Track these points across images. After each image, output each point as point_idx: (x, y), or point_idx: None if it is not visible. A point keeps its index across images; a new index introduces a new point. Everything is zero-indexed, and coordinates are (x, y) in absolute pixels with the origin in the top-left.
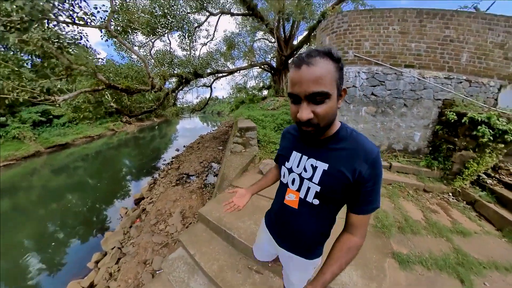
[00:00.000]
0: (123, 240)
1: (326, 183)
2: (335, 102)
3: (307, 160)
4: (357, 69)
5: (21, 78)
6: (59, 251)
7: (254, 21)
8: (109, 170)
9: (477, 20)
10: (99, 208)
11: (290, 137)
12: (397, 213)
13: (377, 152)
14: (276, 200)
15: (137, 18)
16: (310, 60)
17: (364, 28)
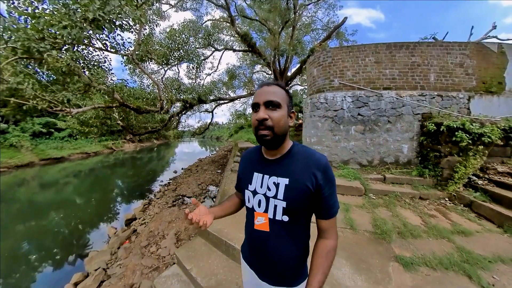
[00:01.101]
0: (110, 261)
1: (291, 197)
2: (285, 115)
3: (269, 178)
4: (343, 94)
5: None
6: (33, 271)
7: (253, 56)
8: (101, 189)
9: (436, 47)
10: (85, 227)
11: (250, 159)
12: (396, 220)
13: (326, 160)
14: (247, 229)
15: (154, 50)
16: (269, 84)
17: (346, 60)
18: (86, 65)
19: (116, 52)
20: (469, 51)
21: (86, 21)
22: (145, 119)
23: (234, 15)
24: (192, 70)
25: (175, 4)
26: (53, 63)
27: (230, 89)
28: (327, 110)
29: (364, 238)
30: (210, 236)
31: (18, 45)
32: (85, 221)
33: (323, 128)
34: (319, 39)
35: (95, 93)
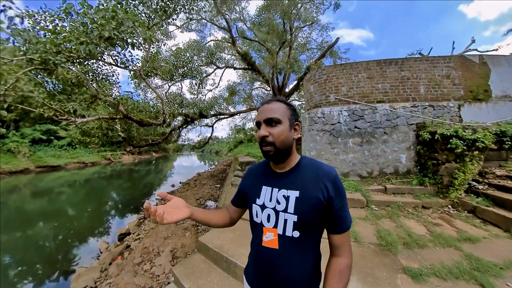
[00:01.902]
0: (99, 279)
1: (302, 210)
2: (287, 129)
3: (278, 191)
4: (339, 109)
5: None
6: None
7: (253, 73)
8: (95, 201)
9: (423, 62)
10: (74, 240)
11: (256, 174)
12: (400, 231)
13: (335, 171)
14: (253, 248)
15: (160, 67)
16: (269, 102)
17: (340, 77)
18: (95, 78)
19: (125, 68)
20: (454, 64)
21: (102, 39)
22: (146, 132)
23: (235, 36)
24: (195, 86)
25: (181, 25)
26: (63, 75)
27: (230, 104)
28: (324, 124)
29: (369, 250)
30: (210, 252)
31: (36, 56)
32: (75, 233)
33: (322, 142)
34: (314, 57)
35: (100, 104)
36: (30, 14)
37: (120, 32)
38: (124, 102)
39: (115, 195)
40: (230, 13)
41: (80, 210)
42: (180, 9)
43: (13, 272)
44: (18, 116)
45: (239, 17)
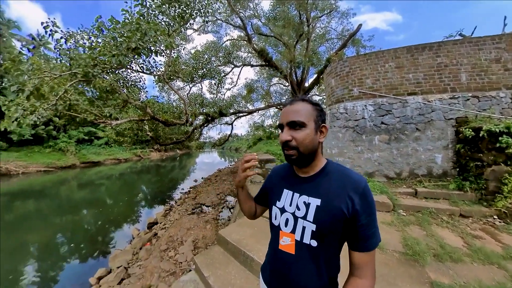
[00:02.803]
0: (131, 261)
1: (322, 220)
2: (311, 133)
3: (299, 197)
4: (363, 103)
5: (93, 105)
6: (62, 260)
7: (270, 69)
8: (128, 192)
9: (465, 45)
10: (112, 225)
11: (280, 175)
12: (431, 240)
13: (365, 182)
14: (270, 248)
15: (181, 70)
16: (293, 102)
17: (364, 68)
18: (125, 84)
19: (150, 73)
20: (506, 44)
21: (129, 50)
22: (171, 131)
23: (250, 34)
24: (214, 86)
25: (198, 29)
26: (100, 84)
27: (249, 102)
28: (347, 120)
29: (393, 259)
30: (229, 246)
31: (79, 70)
32: (112, 220)
33: (344, 139)
34: (335, 48)
35: (130, 108)
36: (71, 35)
37: (145, 42)
38: (150, 104)
39: (144, 188)
40: (244, 11)
41: (116, 200)
42: (196, 13)
43: (65, 249)
44: (67, 121)
45: (253, 13)
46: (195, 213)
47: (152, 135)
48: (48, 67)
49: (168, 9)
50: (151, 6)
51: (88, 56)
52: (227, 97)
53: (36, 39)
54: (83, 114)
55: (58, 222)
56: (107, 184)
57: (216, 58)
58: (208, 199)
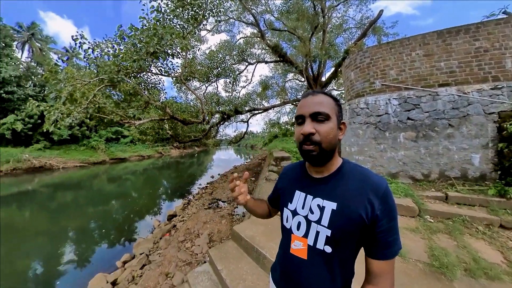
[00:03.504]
0: (152, 249)
1: (338, 225)
2: (335, 127)
3: (313, 200)
4: (386, 97)
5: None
6: (94, 244)
7: (285, 65)
8: (150, 186)
9: (510, 24)
10: (136, 216)
11: (292, 176)
12: (462, 253)
13: (386, 184)
14: (281, 250)
15: (197, 70)
16: (315, 93)
17: (387, 58)
18: (146, 87)
19: (168, 75)
20: None
21: (148, 54)
22: (189, 129)
23: (263, 30)
24: (229, 84)
25: (211, 29)
26: (123, 87)
27: (264, 99)
28: (368, 116)
29: (415, 269)
30: (242, 242)
31: (105, 77)
32: (137, 211)
33: (365, 136)
34: (354, 38)
35: (151, 108)
36: (97, 44)
37: (162, 46)
38: (170, 105)
39: (165, 182)
40: (256, 7)
41: (140, 193)
42: (209, 14)
43: (96, 234)
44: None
45: (265, 9)
46: (211, 208)
47: (171, 134)
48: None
49: (182, 12)
50: (166, 11)
51: (112, 63)
52: (242, 95)
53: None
54: (110, 115)
55: (91, 211)
56: (132, 179)
57: (230, 57)
58: (224, 194)
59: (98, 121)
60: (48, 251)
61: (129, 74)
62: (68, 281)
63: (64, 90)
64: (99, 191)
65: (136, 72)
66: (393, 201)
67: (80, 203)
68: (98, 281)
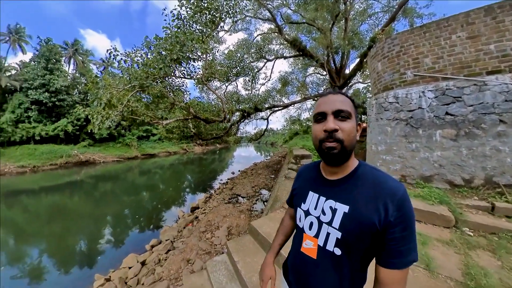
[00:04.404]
0: (176, 236)
1: (348, 228)
2: (355, 126)
3: (325, 201)
4: (420, 89)
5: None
6: (127, 229)
7: (304, 59)
8: (176, 180)
9: None
10: (163, 206)
11: (306, 176)
12: (508, 276)
13: (404, 190)
14: (292, 247)
15: (217, 71)
16: (335, 92)
17: (420, 45)
18: (171, 89)
19: (191, 78)
20: None
21: (172, 61)
22: (211, 127)
23: (281, 24)
24: (248, 82)
25: (229, 29)
26: (152, 91)
27: (284, 95)
28: (398, 111)
29: (444, 286)
30: (259, 237)
31: (136, 83)
32: (164, 201)
33: (394, 134)
34: (381, 24)
35: (177, 109)
36: (128, 54)
37: (184, 52)
38: (193, 105)
39: (189, 176)
40: (271, 1)
41: (167, 185)
42: (225, 15)
43: (129, 220)
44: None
45: (282, 2)
46: (231, 203)
47: (195, 132)
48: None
49: (200, 17)
50: (185, 18)
51: (141, 70)
52: (261, 93)
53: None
54: (141, 116)
55: (126, 199)
56: (160, 172)
57: (248, 55)
58: (244, 190)
59: (131, 121)
60: (92, 231)
61: (156, 79)
62: (107, 257)
63: (104, 97)
64: (132, 183)
65: (162, 77)
66: (410, 209)
67: (117, 193)
68: (130, 260)
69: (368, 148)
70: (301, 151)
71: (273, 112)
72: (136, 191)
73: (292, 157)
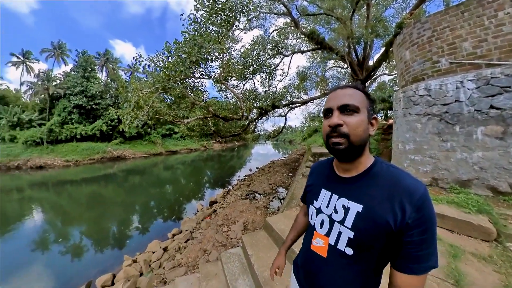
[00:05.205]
0: (195, 228)
1: (361, 228)
2: (365, 121)
3: (338, 199)
4: (457, 79)
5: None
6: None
7: (323, 52)
8: (196, 175)
9: None
10: (184, 199)
11: (319, 173)
12: None
13: (424, 189)
14: (303, 245)
15: (234, 69)
16: (344, 87)
17: (458, 27)
18: (191, 90)
19: (209, 78)
20: None
21: (191, 63)
22: (229, 125)
23: (297, 17)
24: (265, 79)
25: (244, 27)
26: (173, 92)
27: (302, 91)
28: (430, 105)
29: None
30: (274, 233)
31: (159, 85)
32: (185, 195)
33: (425, 131)
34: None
35: (197, 108)
36: (151, 59)
37: (202, 53)
38: (212, 104)
39: (208, 172)
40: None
41: (188, 180)
42: (240, 14)
43: (154, 210)
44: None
45: None
46: (248, 199)
47: (214, 129)
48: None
49: (215, 18)
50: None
51: (163, 73)
52: (279, 89)
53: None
54: (164, 116)
55: (152, 191)
56: (182, 168)
57: (265, 52)
58: (261, 187)
59: (156, 121)
60: (122, 217)
61: (177, 81)
62: (134, 241)
63: (132, 99)
64: (157, 176)
65: (182, 78)
66: (430, 210)
67: (144, 185)
68: (154, 245)
69: (394, 146)
70: (320, 148)
71: (291, 109)
72: (161, 184)
73: (311, 155)
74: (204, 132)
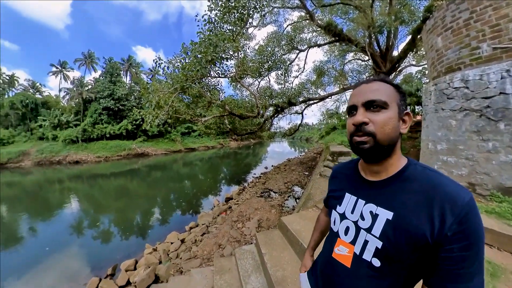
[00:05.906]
0: (211, 222)
1: (391, 238)
2: (394, 118)
3: (365, 205)
4: (502, 67)
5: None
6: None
7: (341, 44)
8: (213, 172)
9: None
10: (202, 194)
11: (343, 176)
12: None
13: (470, 198)
14: (323, 252)
15: (249, 67)
16: (369, 81)
17: (503, 5)
18: (208, 89)
19: (225, 76)
20: None
21: (207, 62)
22: (245, 123)
23: (312, 10)
24: (281, 76)
25: (257, 24)
26: (191, 92)
27: (320, 87)
28: (468, 99)
29: None
30: (288, 233)
31: (178, 86)
32: (203, 190)
33: (461, 129)
34: None
35: (213, 107)
36: (170, 61)
37: (217, 52)
38: (228, 102)
39: (225, 169)
40: None
41: (205, 176)
42: (253, 11)
43: (173, 203)
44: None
45: None
46: (263, 197)
47: (230, 127)
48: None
49: (229, 17)
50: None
51: (181, 74)
52: (295, 86)
53: (152, 70)
54: (183, 115)
55: (172, 186)
56: (199, 165)
57: (279, 48)
58: (276, 186)
59: (175, 119)
60: (145, 208)
61: (194, 80)
62: (154, 232)
63: (153, 100)
64: (177, 172)
65: (199, 78)
66: (477, 224)
67: (165, 180)
68: (172, 237)
69: (423, 146)
70: (339, 147)
71: (308, 105)
72: (180, 179)
73: (329, 154)
74: (221, 130)
